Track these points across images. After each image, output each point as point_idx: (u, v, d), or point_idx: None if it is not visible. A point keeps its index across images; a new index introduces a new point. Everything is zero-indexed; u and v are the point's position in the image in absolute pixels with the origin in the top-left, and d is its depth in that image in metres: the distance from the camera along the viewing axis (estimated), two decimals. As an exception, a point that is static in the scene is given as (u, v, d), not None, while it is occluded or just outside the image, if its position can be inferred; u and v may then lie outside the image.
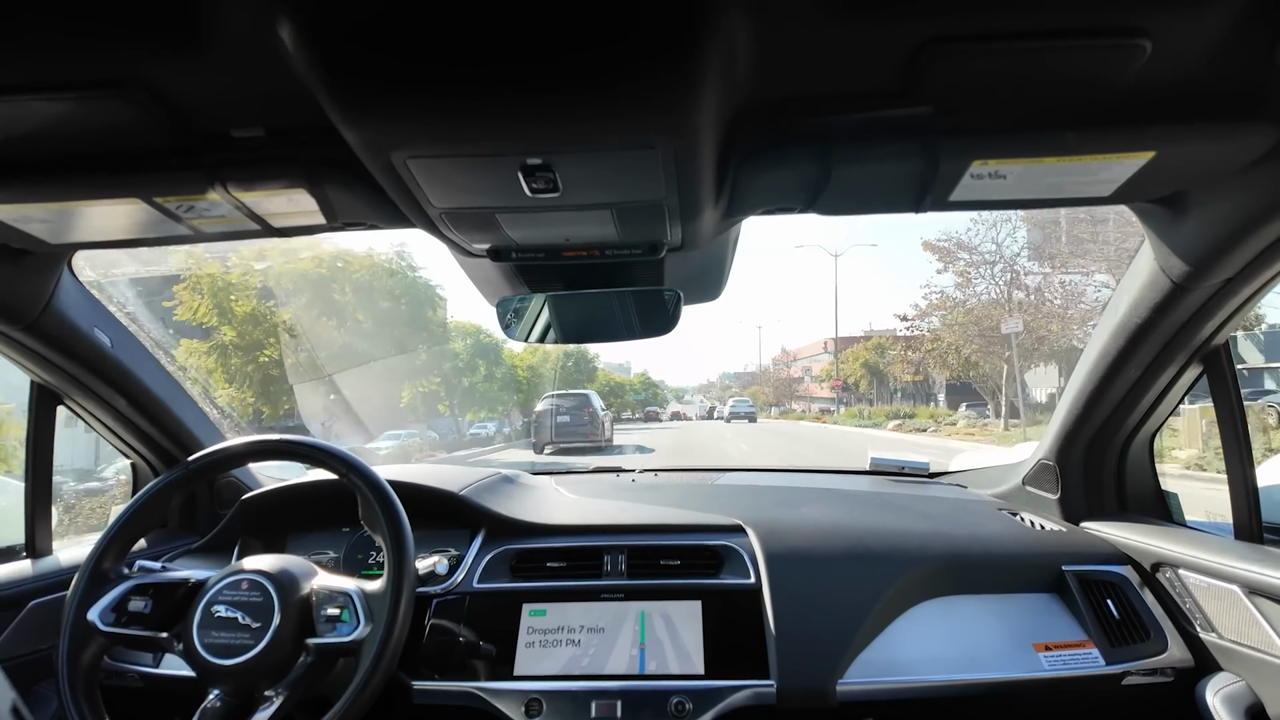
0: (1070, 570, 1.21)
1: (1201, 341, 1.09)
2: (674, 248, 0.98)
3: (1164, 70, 0.64)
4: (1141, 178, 0.79)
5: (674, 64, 0.57)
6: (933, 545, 1.26)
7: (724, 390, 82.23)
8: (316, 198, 0.84)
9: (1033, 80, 0.66)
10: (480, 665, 1.14)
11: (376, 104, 0.62)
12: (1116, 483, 1.36)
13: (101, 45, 0.60)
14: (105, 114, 0.69)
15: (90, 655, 0.98)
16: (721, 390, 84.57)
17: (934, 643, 1.14)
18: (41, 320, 1.12)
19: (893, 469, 1.90)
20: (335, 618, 0.97)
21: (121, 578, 1.04)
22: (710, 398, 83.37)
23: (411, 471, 1.45)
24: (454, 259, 1.08)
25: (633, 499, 1.56)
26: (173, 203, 0.85)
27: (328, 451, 1.06)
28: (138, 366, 1.31)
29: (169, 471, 1.09)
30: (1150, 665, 1.09)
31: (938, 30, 0.59)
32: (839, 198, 0.86)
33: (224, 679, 0.93)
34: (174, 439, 1.44)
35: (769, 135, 0.76)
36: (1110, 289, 7.19)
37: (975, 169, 0.77)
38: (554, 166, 0.71)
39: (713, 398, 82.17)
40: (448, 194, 0.79)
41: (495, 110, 0.63)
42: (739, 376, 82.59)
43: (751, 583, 1.20)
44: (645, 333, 1.21)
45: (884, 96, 0.69)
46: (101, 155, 0.78)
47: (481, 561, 1.28)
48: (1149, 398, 1.22)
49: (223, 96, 0.70)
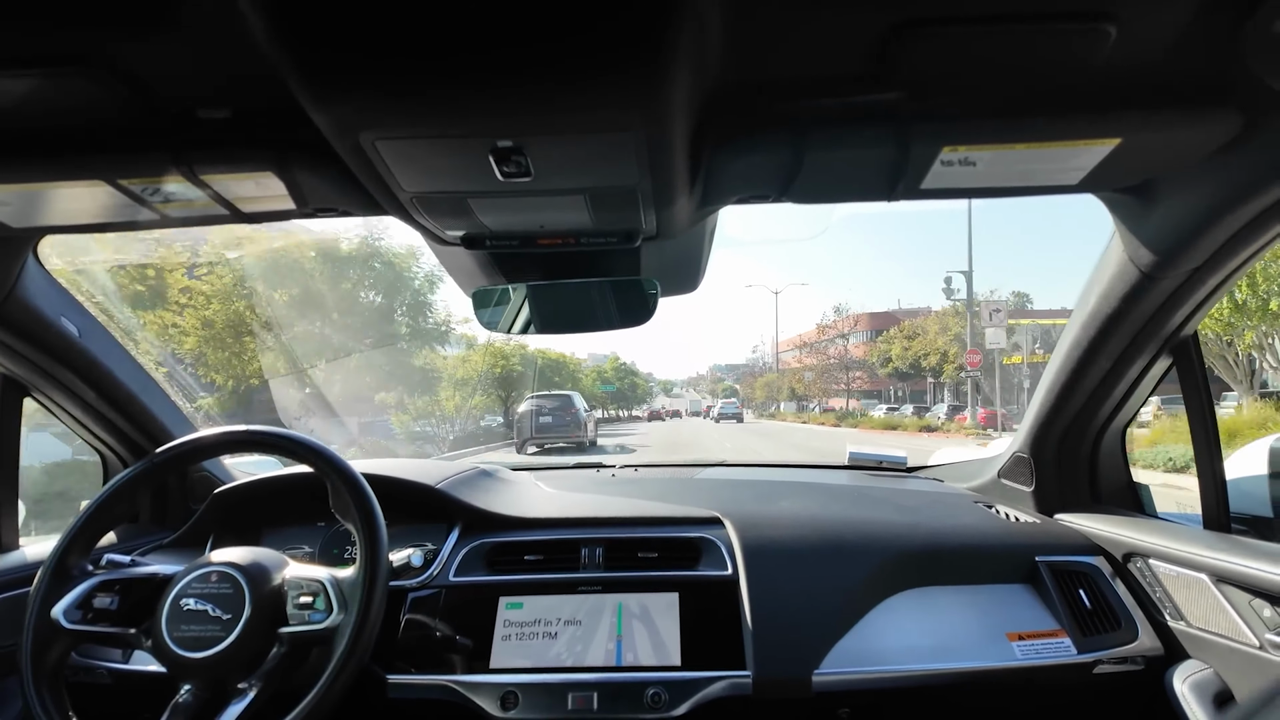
0: (1043, 561, 1.23)
1: (1170, 332, 1.11)
2: (649, 236, 0.98)
3: (1130, 56, 0.65)
4: (1109, 165, 0.80)
5: (645, 47, 0.56)
6: (908, 537, 1.26)
7: (715, 383, 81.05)
8: (285, 182, 0.83)
9: (1001, 65, 0.66)
10: (456, 659, 1.14)
11: (344, 84, 0.61)
12: (1089, 474, 1.38)
13: (64, 20, 0.59)
14: (68, 92, 0.67)
15: (55, 653, 0.97)
16: (713, 383, 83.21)
17: (909, 633, 1.15)
18: (5, 308, 1.09)
19: (871, 464, 1.92)
20: (308, 605, 0.96)
21: (86, 574, 1.02)
22: (700, 391, 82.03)
23: (388, 465, 1.44)
24: (429, 247, 1.07)
25: (612, 493, 1.56)
26: (137, 185, 0.83)
27: (297, 441, 1.05)
28: (106, 356, 1.29)
29: (135, 465, 1.07)
30: (1121, 654, 1.11)
31: (909, 14, 0.60)
32: (812, 185, 0.86)
33: (195, 673, 0.92)
34: (143, 431, 1.42)
35: (742, 120, 0.76)
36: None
37: (945, 155, 0.77)
38: (525, 150, 0.70)
39: (702, 391, 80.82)
40: (418, 177, 0.78)
41: (464, 91, 0.62)
42: (731, 369, 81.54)
43: (729, 574, 1.20)
44: (623, 323, 1.20)
45: (856, 81, 0.69)
46: (64, 135, 0.76)
47: (458, 555, 1.27)
48: (1120, 389, 1.24)
49: (189, 75, 0.69)
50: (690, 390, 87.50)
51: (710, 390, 78.11)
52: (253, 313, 11.10)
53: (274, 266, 12.17)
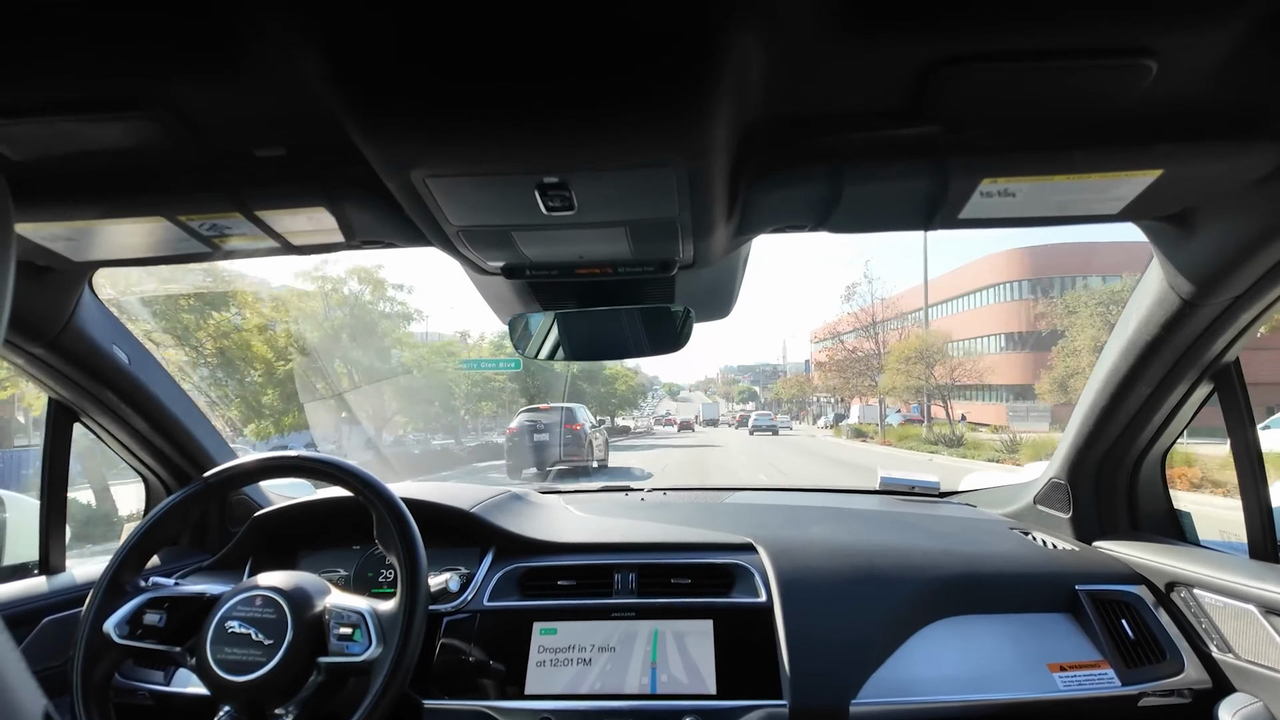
0: (1084, 590, 1.20)
1: (1212, 359, 1.09)
2: (685, 265, 0.99)
3: (1170, 89, 0.65)
4: (1149, 195, 0.80)
5: (688, 85, 0.58)
6: (944, 564, 1.25)
7: (728, 386, 75.97)
8: (336, 216, 0.86)
9: (1040, 100, 0.67)
10: (489, 684, 1.14)
11: (398, 124, 0.63)
12: (1129, 501, 1.35)
13: (132, 67, 0.62)
14: (132, 134, 0.70)
15: (104, 667, 0.99)
16: (726, 386, 78.07)
17: (947, 663, 1.13)
18: (62, 337, 1.13)
19: (902, 488, 1.90)
20: (348, 637, 0.97)
21: (138, 590, 1.04)
22: (712, 395, 76.04)
23: (423, 489, 1.45)
24: (467, 276, 1.10)
25: (642, 517, 1.56)
26: (195, 221, 0.87)
27: (343, 469, 1.07)
28: (153, 383, 1.33)
29: (188, 485, 1.10)
30: (1167, 686, 1.08)
31: (947, 51, 0.61)
32: (849, 216, 0.87)
33: (236, 696, 0.93)
34: (187, 456, 1.45)
35: (781, 154, 0.77)
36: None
37: (985, 187, 0.78)
38: (570, 185, 0.72)
39: (713, 394, 74.85)
40: (465, 212, 0.80)
41: (514, 130, 0.64)
42: (745, 370, 76.48)
43: (763, 601, 1.19)
44: (655, 349, 1.22)
45: (894, 116, 0.70)
46: (127, 174, 0.79)
47: (492, 580, 1.28)
48: (1160, 416, 1.22)
49: (246, 117, 0.72)
50: (700, 394, 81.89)
51: (724, 394, 73.32)
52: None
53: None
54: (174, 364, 10.72)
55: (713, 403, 57.87)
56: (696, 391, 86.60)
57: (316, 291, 14.32)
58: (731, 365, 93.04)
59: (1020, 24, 0.57)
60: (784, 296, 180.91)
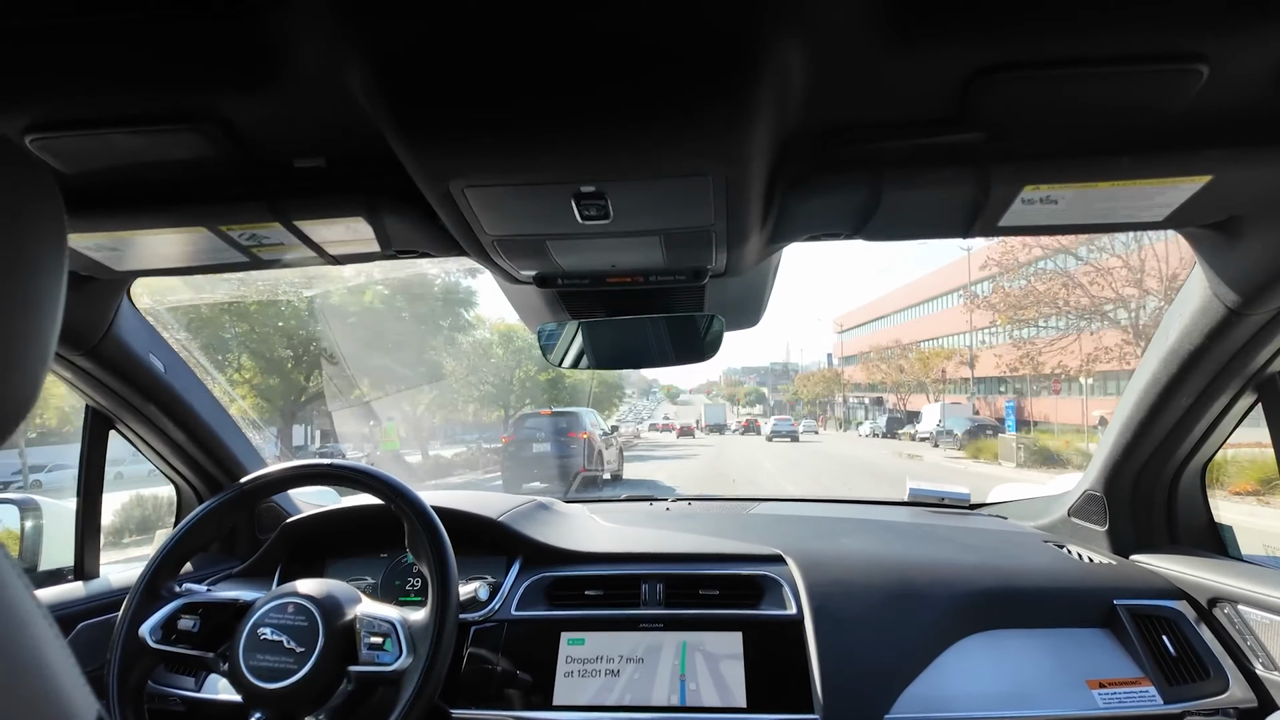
0: (1123, 605, 1.17)
1: (1256, 369, 1.07)
2: (717, 274, 0.99)
3: (1220, 95, 0.64)
4: (1196, 202, 0.78)
5: (728, 94, 0.58)
6: (978, 578, 1.23)
7: (732, 388, 73.94)
8: (373, 226, 0.87)
9: (1087, 106, 0.66)
10: (516, 694, 1.13)
11: (440, 135, 0.64)
12: (1167, 514, 1.32)
13: (182, 82, 0.63)
14: (179, 146, 0.71)
15: (139, 672, 1.01)
16: (730, 388, 75.96)
17: (982, 678, 1.11)
18: (102, 345, 1.15)
19: (932, 500, 1.87)
20: (378, 646, 0.98)
21: (173, 595, 1.06)
22: (714, 398, 73.65)
23: (451, 497, 1.46)
24: (498, 285, 1.10)
25: (668, 528, 1.55)
26: (234, 231, 0.88)
27: (376, 477, 1.07)
28: (188, 392, 1.35)
29: (223, 492, 1.12)
30: (1211, 705, 1.05)
31: (992, 59, 0.60)
32: (886, 224, 0.86)
33: (267, 703, 0.94)
34: (219, 464, 1.47)
35: (819, 162, 0.76)
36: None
37: (1027, 194, 0.77)
38: (607, 194, 0.73)
39: (716, 397, 72.45)
40: (501, 221, 0.80)
41: (552, 140, 0.64)
42: (750, 372, 74.40)
43: (793, 614, 1.18)
44: (681, 359, 1.22)
45: (936, 124, 0.70)
46: (170, 185, 0.81)
47: (519, 589, 1.28)
48: (1201, 426, 1.19)
49: (288, 129, 0.73)
50: (702, 397, 77.91)
51: (728, 395, 71.34)
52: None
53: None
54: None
55: (717, 405, 51.11)
56: (698, 394, 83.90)
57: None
58: (735, 367, 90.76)
59: (1069, 31, 0.57)
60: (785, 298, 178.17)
